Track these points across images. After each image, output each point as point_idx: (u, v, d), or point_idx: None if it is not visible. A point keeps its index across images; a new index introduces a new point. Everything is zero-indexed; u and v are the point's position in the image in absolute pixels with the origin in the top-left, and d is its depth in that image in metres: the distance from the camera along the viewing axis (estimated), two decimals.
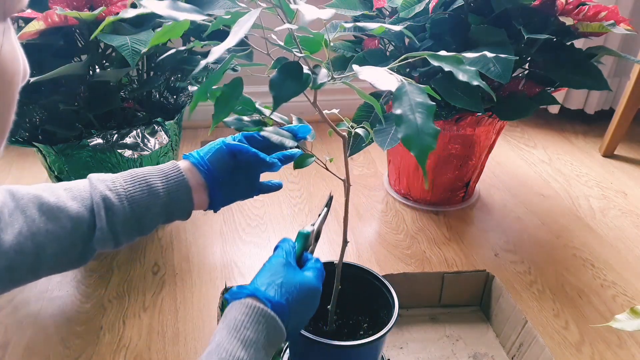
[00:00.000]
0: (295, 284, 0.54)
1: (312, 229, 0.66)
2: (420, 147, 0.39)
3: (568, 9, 0.91)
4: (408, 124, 0.39)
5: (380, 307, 0.71)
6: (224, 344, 0.47)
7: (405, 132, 0.39)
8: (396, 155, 1.24)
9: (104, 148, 0.92)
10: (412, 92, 0.41)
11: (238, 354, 0.46)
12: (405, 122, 0.39)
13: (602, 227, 1.18)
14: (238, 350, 0.47)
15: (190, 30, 0.96)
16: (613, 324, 0.56)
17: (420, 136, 0.39)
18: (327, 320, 0.70)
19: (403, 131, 0.39)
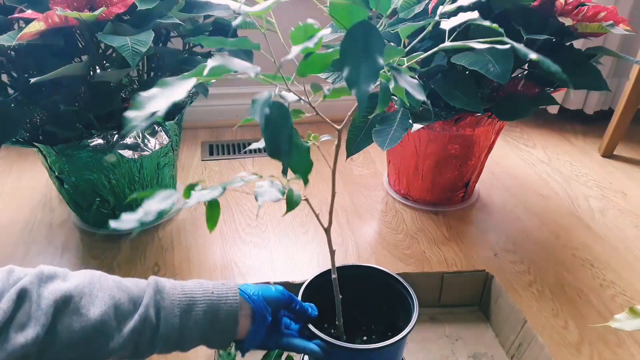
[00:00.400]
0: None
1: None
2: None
3: (567, 9, 0.91)
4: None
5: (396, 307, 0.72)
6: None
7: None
8: (396, 155, 1.24)
9: (104, 148, 0.93)
10: None
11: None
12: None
13: (602, 227, 1.18)
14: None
15: (190, 30, 0.96)
16: (612, 324, 0.56)
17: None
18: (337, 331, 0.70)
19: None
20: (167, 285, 0.54)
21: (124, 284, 0.52)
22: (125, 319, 0.51)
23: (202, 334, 0.55)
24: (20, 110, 0.89)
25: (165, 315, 0.52)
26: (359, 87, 0.37)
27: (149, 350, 0.53)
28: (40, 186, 1.30)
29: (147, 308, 0.51)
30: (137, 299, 0.52)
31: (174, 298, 0.54)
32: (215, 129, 1.65)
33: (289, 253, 1.06)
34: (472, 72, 0.84)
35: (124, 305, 0.51)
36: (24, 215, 1.18)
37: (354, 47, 0.37)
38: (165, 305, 0.53)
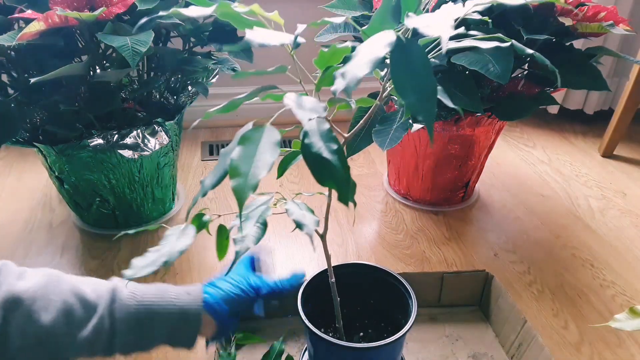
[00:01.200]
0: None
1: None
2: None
3: (567, 9, 0.91)
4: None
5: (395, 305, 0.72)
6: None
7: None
8: (396, 155, 1.24)
9: (104, 148, 0.93)
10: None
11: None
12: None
13: (602, 227, 1.18)
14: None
15: (190, 30, 0.96)
16: (612, 324, 0.56)
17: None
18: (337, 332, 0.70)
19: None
20: (125, 295, 0.54)
21: (81, 290, 0.52)
22: (78, 328, 0.50)
23: (162, 342, 0.56)
24: (20, 110, 0.89)
25: (120, 328, 0.52)
26: (426, 112, 0.36)
27: (106, 353, 0.53)
28: (40, 186, 1.30)
29: (102, 319, 0.51)
30: (92, 307, 0.52)
31: (131, 310, 0.53)
32: (215, 129, 1.65)
33: (289, 253, 1.06)
34: (472, 72, 0.84)
35: (77, 312, 0.50)
36: (24, 215, 1.18)
37: (408, 73, 0.36)
38: (121, 318, 0.52)
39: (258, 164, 0.35)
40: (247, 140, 0.37)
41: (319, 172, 0.37)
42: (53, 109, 0.92)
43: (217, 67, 1.07)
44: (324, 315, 0.70)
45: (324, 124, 0.38)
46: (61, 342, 0.49)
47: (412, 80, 0.37)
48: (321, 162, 0.36)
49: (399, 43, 0.36)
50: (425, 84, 0.37)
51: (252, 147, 0.37)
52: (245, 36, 0.41)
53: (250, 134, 0.37)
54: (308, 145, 0.37)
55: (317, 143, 0.37)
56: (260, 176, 0.34)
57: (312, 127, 0.38)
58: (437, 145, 1.12)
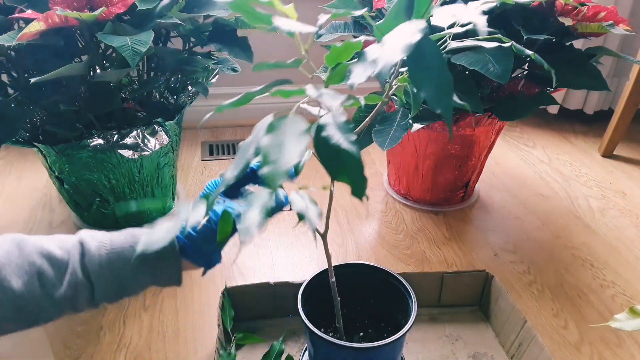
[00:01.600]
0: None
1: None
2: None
3: (567, 9, 0.91)
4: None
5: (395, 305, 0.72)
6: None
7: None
8: (396, 155, 1.24)
9: (104, 148, 0.93)
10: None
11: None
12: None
13: (602, 227, 1.18)
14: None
15: (190, 30, 0.96)
16: (612, 324, 0.56)
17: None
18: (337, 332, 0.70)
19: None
20: (93, 245, 0.52)
21: (47, 249, 0.51)
22: (53, 287, 0.49)
23: (144, 284, 0.54)
24: (20, 110, 0.89)
25: (97, 278, 0.51)
26: (444, 105, 0.37)
27: (94, 306, 0.53)
28: (40, 186, 1.30)
29: (75, 274, 0.50)
30: (63, 265, 0.51)
31: (103, 259, 0.52)
32: (215, 129, 1.65)
33: (289, 253, 1.06)
34: (472, 72, 0.84)
35: (47, 272, 0.49)
36: (24, 215, 1.18)
37: (425, 67, 0.37)
38: (94, 269, 0.51)
39: (289, 149, 0.35)
40: (274, 128, 0.37)
41: (334, 165, 0.37)
42: (53, 109, 0.92)
43: (217, 67, 1.07)
44: (324, 315, 0.70)
45: (340, 116, 0.38)
46: (40, 305, 0.49)
47: (428, 73, 0.37)
48: (337, 155, 0.36)
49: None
50: (441, 76, 0.37)
51: (280, 135, 0.36)
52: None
53: (276, 123, 0.37)
54: (325, 138, 0.36)
55: (335, 135, 0.36)
56: (292, 162, 0.34)
57: (329, 120, 0.38)
58: (437, 145, 1.12)
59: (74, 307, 0.51)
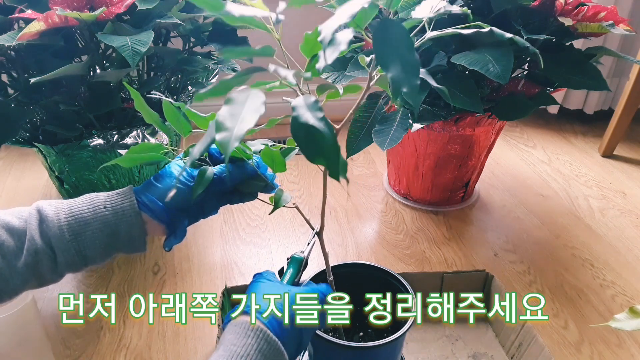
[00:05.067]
0: (292, 297, 0.51)
1: (304, 256, 0.62)
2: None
3: (567, 9, 0.91)
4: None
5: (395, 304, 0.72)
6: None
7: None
8: (396, 155, 1.24)
9: (104, 148, 0.93)
10: None
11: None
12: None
13: (602, 227, 1.18)
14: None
15: (190, 30, 0.96)
16: (612, 324, 0.56)
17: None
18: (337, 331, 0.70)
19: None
20: (51, 211, 0.51)
21: (5, 220, 0.50)
22: (14, 256, 0.49)
23: (107, 249, 0.53)
24: (20, 110, 0.89)
25: (57, 243, 0.50)
26: (410, 84, 0.38)
27: (58, 275, 0.51)
28: (40, 186, 1.30)
29: (34, 241, 0.49)
30: (22, 233, 0.50)
31: (62, 223, 0.50)
32: None
33: (289, 253, 1.06)
34: (472, 72, 0.84)
35: (7, 242, 0.49)
36: None
37: (390, 47, 0.38)
38: (54, 234, 0.50)
39: (245, 117, 0.36)
40: (232, 101, 0.38)
41: (308, 145, 0.37)
42: (53, 109, 0.92)
43: (217, 67, 1.07)
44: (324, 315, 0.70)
45: (310, 97, 0.39)
46: (2, 276, 0.48)
47: (394, 53, 0.38)
48: (309, 135, 0.37)
49: (381, 20, 0.38)
50: (407, 57, 0.39)
51: (239, 107, 0.37)
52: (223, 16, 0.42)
53: (235, 96, 0.38)
54: (296, 117, 0.37)
55: (304, 114, 0.37)
56: (245, 128, 0.35)
57: (299, 101, 0.39)
58: (437, 145, 1.12)
59: (38, 277, 0.50)
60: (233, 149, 0.34)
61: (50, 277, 0.51)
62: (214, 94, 0.42)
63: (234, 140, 0.34)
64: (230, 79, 0.42)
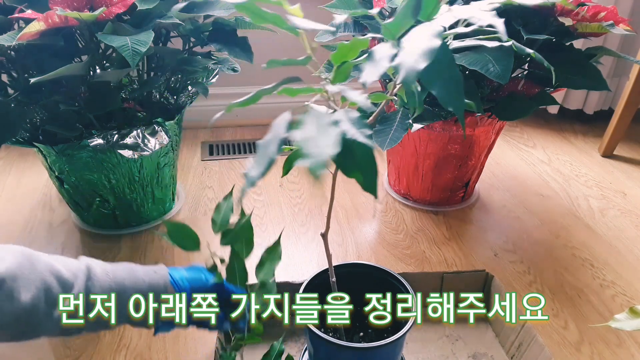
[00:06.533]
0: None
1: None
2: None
3: (567, 9, 0.91)
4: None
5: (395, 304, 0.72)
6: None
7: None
8: (396, 155, 1.24)
9: (104, 148, 0.93)
10: None
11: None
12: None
13: (602, 227, 1.18)
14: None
15: (190, 30, 0.96)
16: (612, 324, 0.56)
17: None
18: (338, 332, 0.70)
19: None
20: (99, 272, 0.56)
21: (56, 268, 0.53)
22: (56, 304, 0.51)
23: (126, 317, 0.57)
24: (20, 110, 0.89)
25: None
26: (456, 104, 0.38)
27: (79, 331, 0.54)
28: (40, 186, 1.30)
29: (78, 295, 0.53)
30: (68, 283, 0.53)
31: (105, 285, 0.55)
32: (215, 129, 1.65)
33: (289, 253, 1.06)
34: (472, 72, 0.84)
35: (55, 289, 0.51)
36: (24, 215, 1.18)
37: (436, 66, 0.38)
38: (95, 294, 0.54)
39: (323, 141, 0.35)
40: (301, 123, 0.37)
41: (347, 161, 0.37)
42: (53, 109, 0.92)
43: (217, 67, 1.07)
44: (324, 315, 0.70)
45: (352, 112, 0.39)
46: (39, 321, 0.50)
47: (440, 73, 0.38)
48: (350, 150, 0.37)
49: None
50: (452, 75, 0.39)
51: (309, 128, 0.37)
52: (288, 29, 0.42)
53: (303, 117, 0.38)
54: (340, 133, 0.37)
55: (350, 130, 0.37)
56: (329, 152, 0.34)
57: (342, 116, 0.38)
58: (437, 145, 1.12)
59: (66, 330, 0.53)
60: (321, 174, 0.34)
61: (71, 332, 0.54)
62: (251, 102, 0.43)
63: (322, 166, 0.34)
64: (269, 87, 0.43)
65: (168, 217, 1.16)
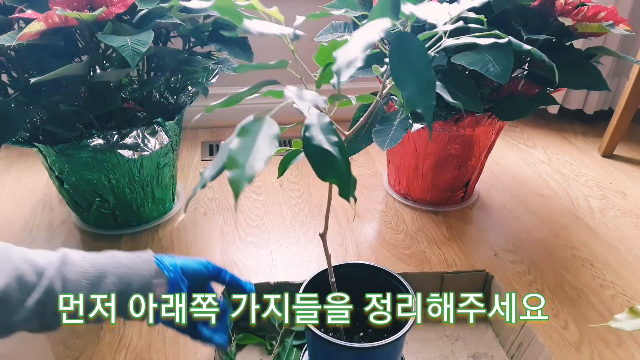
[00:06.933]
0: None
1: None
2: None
3: (567, 9, 0.91)
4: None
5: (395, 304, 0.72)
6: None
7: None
8: (396, 155, 1.24)
9: (104, 148, 0.93)
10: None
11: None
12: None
13: (602, 227, 1.18)
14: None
15: (190, 30, 0.96)
16: (612, 324, 0.56)
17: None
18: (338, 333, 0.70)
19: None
20: (76, 258, 0.54)
21: (30, 257, 0.51)
22: (29, 291, 0.50)
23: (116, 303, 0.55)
24: (20, 110, 0.89)
25: (71, 287, 0.51)
26: (425, 105, 0.37)
27: (57, 321, 0.52)
28: (40, 186, 1.30)
29: (52, 280, 0.51)
30: (43, 270, 0.51)
31: (82, 270, 0.53)
32: (215, 129, 1.65)
33: (289, 253, 1.06)
34: (472, 72, 0.84)
35: (28, 277, 0.50)
36: (24, 215, 1.18)
37: (407, 66, 0.37)
38: (72, 278, 0.52)
39: (256, 155, 0.35)
40: (246, 132, 0.37)
41: (320, 166, 0.37)
42: (53, 109, 0.92)
43: (217, 67, 1.07)
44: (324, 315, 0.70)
45: (324, 117, 0.39)
46: (10, 308, 0.49)
47: (410, 71, 0.38)
48: (322, 156, 0.37)
49: (398, 35, 0.37)
50: (424, 75, 0.38)
51: (251, 139, 0.36)
52: (242, 32, 0.41)
53: (249, 126, 0.37)
54: (309, 138, 0.37)
55: (317, 136, 0.37)
56: (257, 168, 0.34)
57: (313, 120, 0.38)
58: (437, 145, 1.12)
59: (42, 317, 0.51)
60: (243, 189, 0.33)
61: (50, 322, 0.52)
62: (226, 105, 0.43)
63: (244, 181, 0.33)
64: (243, 91, 0.42)
65: (168, 217, 1.16)
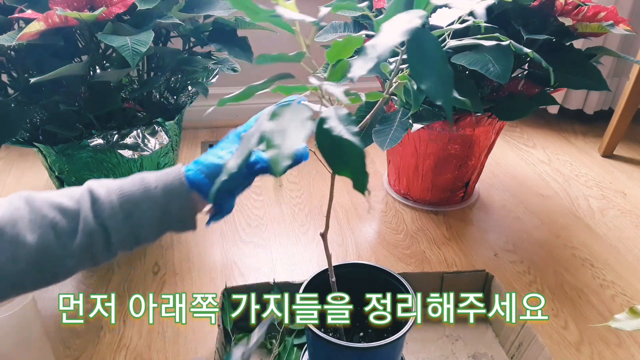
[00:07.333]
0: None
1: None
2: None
3: (567, 9, 0.91)
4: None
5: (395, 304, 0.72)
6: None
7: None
8: (396, 155, 1.24)
9: (104, 148, 0.93)
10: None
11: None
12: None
13: (602, 227, 1.18)
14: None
15: (190, 30, 0.96)
16: (612, 324, 0.56)
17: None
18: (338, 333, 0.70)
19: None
20: (102, 192, 0.52)
21: (57, 201, 0.50)
22: (68, 237, 0.49)
23: (159, 227, 0.54)
24: (20, 110, 0.89)
25: (110, 223, 0.51)
26: (446, 97, 0.38)
27: (112, 255, 0.52)
28: (40, 186, 1.30)
29: (88, 221, 0.50)
30: (75, 214, 0.50)
31: (114, 204, 0.51)
32: (215, 129, 1.65)
33: (289, 253, 1.06)
34: (472, 72, 0.84)
35: (61, 223, 0.49)
36: None
37: (425, 59, 0.39)
38: (107, 215, 0.51)
39: (292, 134, 0.35)
40: (277, 115, 0.37)
41: (336, 158, 0.37)
42: (53, 109, 0.92)
43: (217, 67, 1.07)
44: (324, 315, 0.70)
45: (341, 109, 0.39)
46: (58, 257, 0.49)
47: (428, 66, 0.39)
48: (339, 148, 0.37)
49: (416, 30, 0.37)
50: (441, 69, 0.39)
51: (283, 122, 0.36)
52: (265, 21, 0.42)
53: (279, 110, 0.37)
54: (327, 130, 0.37)
55: (337, 127, 0.37)
56: (295, 146, 0.34)
57: (330, 112, 0.38)
58: (437, 145, 1.12)
59: (92, 257, 0.51)
60: (283, 168, 0.33)
61: (103, 257, 0.52)
62: (241, 98, 0.43)
63: (286, 160, 0.33)
64: (258, 84, 0.42)
65: None
